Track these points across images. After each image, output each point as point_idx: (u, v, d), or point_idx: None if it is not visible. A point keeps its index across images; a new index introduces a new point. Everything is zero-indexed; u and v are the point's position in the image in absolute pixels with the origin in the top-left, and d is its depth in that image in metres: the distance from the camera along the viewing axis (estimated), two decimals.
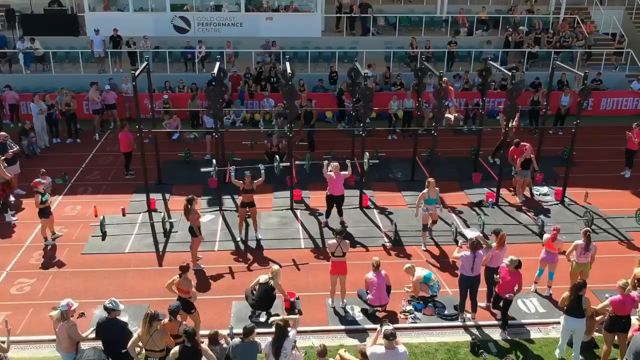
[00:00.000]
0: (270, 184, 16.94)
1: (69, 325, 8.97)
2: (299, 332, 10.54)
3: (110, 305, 9.17)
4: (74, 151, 19.49)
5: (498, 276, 10.88)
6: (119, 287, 12.40)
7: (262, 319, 11.43)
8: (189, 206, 12.73)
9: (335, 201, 14.64)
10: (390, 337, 8.42)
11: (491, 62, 17.17)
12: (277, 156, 15.49)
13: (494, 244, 11.42)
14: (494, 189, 16.67)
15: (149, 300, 11.91)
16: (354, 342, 10.86)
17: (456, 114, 19.19)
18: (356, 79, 16.83)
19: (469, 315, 11.45)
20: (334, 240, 11.42)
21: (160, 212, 15.43)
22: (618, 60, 25.53)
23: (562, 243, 11.96)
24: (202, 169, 14.77)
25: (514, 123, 16.72)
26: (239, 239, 14.31)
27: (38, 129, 19.01)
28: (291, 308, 11.72)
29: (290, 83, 14.44)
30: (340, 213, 14.84)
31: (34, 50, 23.52)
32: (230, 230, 14.69)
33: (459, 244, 13.14)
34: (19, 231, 14.59)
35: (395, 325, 11.20)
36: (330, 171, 14.33)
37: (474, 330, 11.25)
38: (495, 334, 11.14)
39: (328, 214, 14.88)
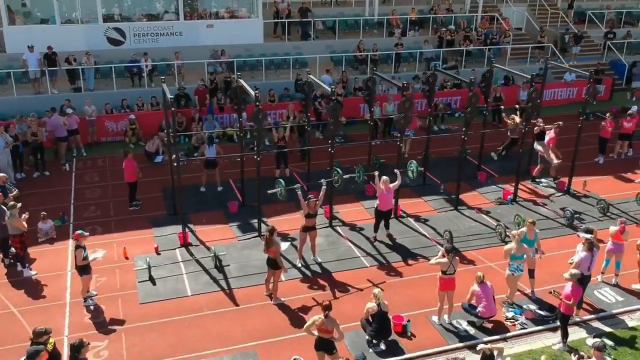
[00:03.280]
0: (289, 202, 16.31)
1: None
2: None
3: None
4: (47, 186, 17.22)
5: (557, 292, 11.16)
6: (207, 336, 11.30)
7: (382, 347, 11.08)
8: (272, 237, 11.92)
9: (384, 215, 14.49)
10: (602, 348, 8.65)
11: (495, 65, 17.87)
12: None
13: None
14: (502, 186, 17.53)
15: (253, 345, 11.05)
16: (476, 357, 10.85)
17: None
18: (374, 87, 16.64)
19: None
20: (445, 259, 11.32)
21: (197, 245, 14.33)
22: (541, 54, 27.71)
23: (629, 234, 12.91)
24: (269, 191, 13.63)
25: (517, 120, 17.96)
26: (299, 265, 13.63)
27: (3, 164, 16.50)
28: (403, 332, 11.46)
29: (335, 99, 14.00)
30: (387, 226, 14.73)
31: None
32: (284, 256, 13.89)
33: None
34: (48, 287, 12.67)
35: (507, 335, 11.53)
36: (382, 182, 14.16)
37: (579, 327, 11.75)
38: (601, 327, 11.74)
39: (377, 229, 14.67)
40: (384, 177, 14.30)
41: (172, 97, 13.73)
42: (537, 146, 17.97)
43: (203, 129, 20.34)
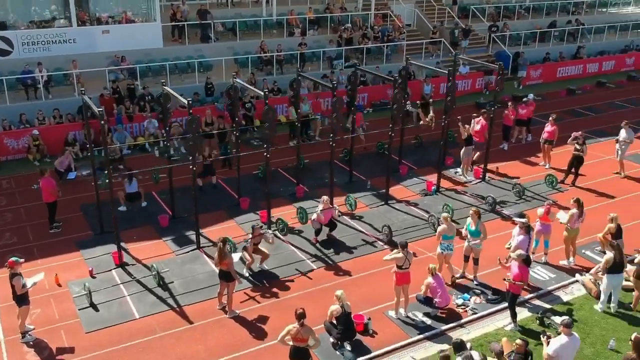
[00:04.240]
0: (219, 211, 16.02)
1: None
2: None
3: None
4: None
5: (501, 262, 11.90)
6: (168, 358, 10.78)
7: (349, 347, 11.13)
8: (224, 248, 11.57)
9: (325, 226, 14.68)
10: (571, 325, 9.31)
11: (412, 62, 18.40)
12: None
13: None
14: (423, 178, 18.20)
15: None
16: (443, 346, 11.17)
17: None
18: (299, 88, 16.61)
19: None
20: (401, 254, 11.58)
21: (134, 264, 13.62)
22: (435, 49, 29.00)
23: (555, 215, 13.88)
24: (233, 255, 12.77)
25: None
26: (247, 274, 13.34)
27: None
28: (365, 330, 11.59)
29: (266, 102, 13.83)
30: (331, 230, 14.83)
31: None
32: None
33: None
34: None
35: (462, 321, 12.00)
36: (320, 210, 14.39)
37: (522, 307, 12.44)
38: (541, 305, 12.50)
39: (318, 233, 14.69)
40: (324, 197, 14.47)
41: (100, 109, 12.97)
42: (464, 154, 18.40)
43: (113, 141, 19.32)
